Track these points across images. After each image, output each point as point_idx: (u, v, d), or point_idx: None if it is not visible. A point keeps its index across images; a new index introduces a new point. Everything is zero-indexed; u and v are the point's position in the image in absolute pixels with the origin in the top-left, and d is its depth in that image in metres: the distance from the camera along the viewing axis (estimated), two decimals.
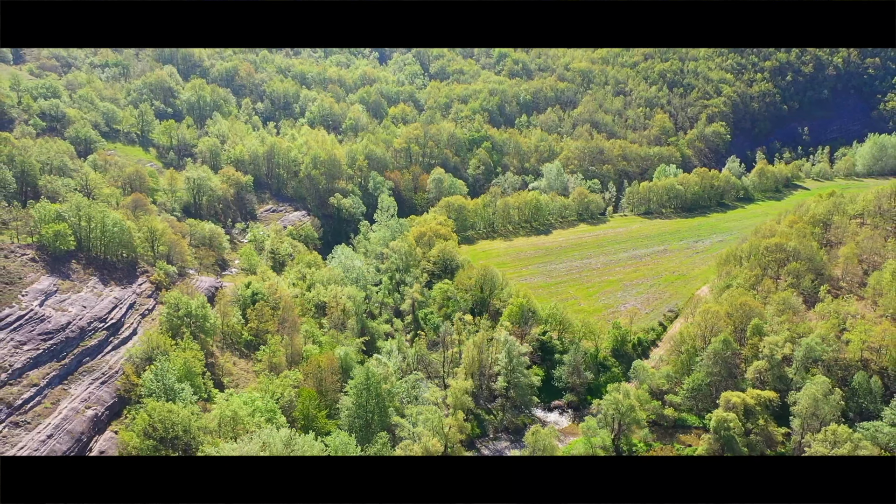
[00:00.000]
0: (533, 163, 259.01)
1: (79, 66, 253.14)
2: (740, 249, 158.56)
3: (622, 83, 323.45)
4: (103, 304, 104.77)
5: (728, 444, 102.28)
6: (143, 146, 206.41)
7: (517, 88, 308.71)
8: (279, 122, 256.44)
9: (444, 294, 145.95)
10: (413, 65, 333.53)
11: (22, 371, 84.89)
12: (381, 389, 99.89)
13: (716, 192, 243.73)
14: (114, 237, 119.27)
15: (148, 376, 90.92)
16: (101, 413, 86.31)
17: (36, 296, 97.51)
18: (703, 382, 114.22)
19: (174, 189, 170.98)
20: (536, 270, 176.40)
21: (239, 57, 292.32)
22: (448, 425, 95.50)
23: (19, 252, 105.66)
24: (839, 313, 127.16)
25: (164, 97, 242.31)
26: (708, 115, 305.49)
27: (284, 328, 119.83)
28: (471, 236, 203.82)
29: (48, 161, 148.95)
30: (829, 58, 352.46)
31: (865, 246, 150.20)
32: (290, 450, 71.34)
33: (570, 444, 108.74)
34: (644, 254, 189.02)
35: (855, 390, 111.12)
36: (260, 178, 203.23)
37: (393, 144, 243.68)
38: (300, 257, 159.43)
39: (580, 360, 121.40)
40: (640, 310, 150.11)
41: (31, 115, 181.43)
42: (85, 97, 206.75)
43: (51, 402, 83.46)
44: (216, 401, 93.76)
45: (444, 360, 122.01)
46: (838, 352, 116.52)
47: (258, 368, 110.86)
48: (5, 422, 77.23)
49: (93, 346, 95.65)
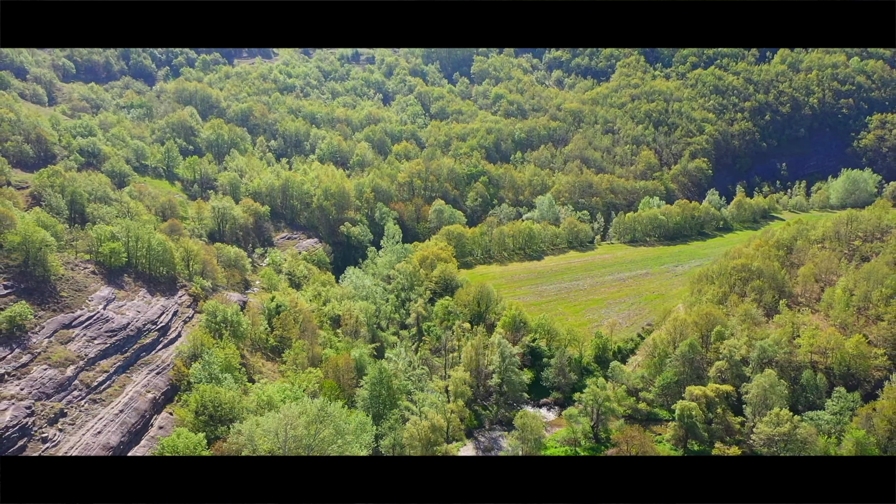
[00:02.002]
0: (527, 195, 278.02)
1: (106, 108, 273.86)
2: (711, 269, 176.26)
3: (610, 122, 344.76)
4: (153, 310, 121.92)
5: (691, 429, 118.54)
6: (169, 179, 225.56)
7: (512, 127, 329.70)
8: (291, 158, 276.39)
9: (445, 309, 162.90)
10: (415, 105, 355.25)
11: (94, 360, 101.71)
12: (392, 383, 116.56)
13: (696, 223, 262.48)
14: (157, 255, 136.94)
15: (196, 367, 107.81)
16: (157, 396, 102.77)
17: (100, 301, 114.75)
18: (672, 381, 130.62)
19: (201, 217, 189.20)
20: (528, 291, 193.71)
21: (253, 98, 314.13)
22: (450, 409, 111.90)
23: (82, 266, 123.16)
24: (794, 323, 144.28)
25: (185, 135, 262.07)
26: (691, 151, 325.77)
27: (305, 335, 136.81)
28: (469, 262, 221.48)
29: (93, 191, 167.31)
30: (806, 98, 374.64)
31: (822, 266, 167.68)
32: (325, 414, 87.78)
33: (555, 433, 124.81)
34: (627, 276, 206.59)
35: (804, 386, 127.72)
36: (276, 208, 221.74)
37: (397, 178, 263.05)
38: (315, 277, 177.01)
39: (565, 362, 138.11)
40: (622, 323, 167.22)
41: (71, 152, 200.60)
42: (117, 135, 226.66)
43: (119, 386, 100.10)
44: (252, 389, 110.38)
45: (445, 360, 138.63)
46: (790, 354, 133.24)
47: (284, 368, 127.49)
48: (86, 398, 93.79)
49: (148, 344, 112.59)
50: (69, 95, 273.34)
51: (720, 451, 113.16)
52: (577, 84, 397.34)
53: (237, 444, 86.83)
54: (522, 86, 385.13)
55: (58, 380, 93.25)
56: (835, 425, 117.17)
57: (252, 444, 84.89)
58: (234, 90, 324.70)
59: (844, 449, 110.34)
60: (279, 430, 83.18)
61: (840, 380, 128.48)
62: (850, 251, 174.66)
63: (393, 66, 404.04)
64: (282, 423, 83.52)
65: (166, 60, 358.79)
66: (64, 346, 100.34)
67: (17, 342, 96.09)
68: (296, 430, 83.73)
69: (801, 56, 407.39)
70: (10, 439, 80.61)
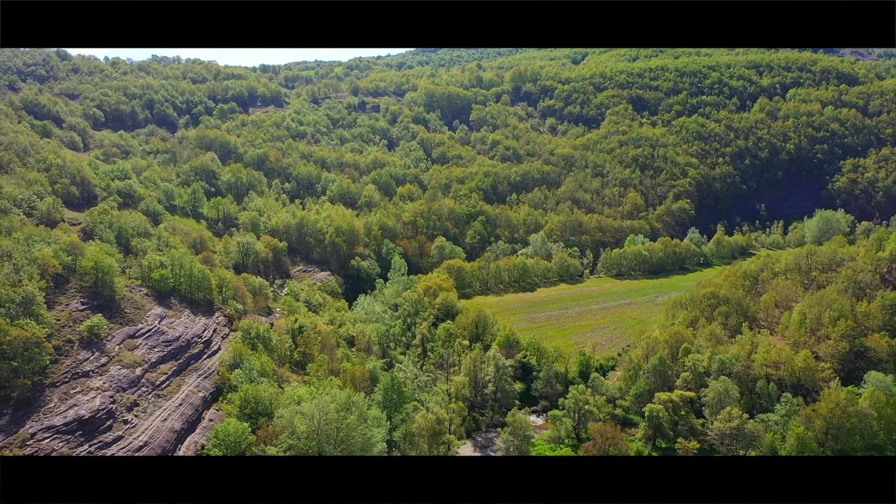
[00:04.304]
0: (521, 233, 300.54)
1: (134, 153, 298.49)
2: (684, 297, 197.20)
3: (600, 166, 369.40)
4: (197, 327, 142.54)
5: (658, 428, 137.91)
6: (195, 218, 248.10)
7: (508, 171, 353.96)
8: (304, 199, 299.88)
9: (446, 332, 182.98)
10: (417, 150, 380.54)
11: (156, 364, 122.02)
12: (402, 388, 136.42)
13: (678, 258, 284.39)
14: (197, 281, 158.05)
15: (238, 372, 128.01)
16: (207, 396, 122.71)
17: (155, 317, 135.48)
18: (644, 390, 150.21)
19: (228, 250, 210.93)
20: (522, 318, 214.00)
21: (268, 144, 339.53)
22: (452, 409, 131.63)
23: (137, 288, 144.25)
24: (753, 341, 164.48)
25: (207, 178, 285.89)
26: (675, 193, 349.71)
27: (325, 351, 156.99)
28: (468, 293, 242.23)
29: (135, 227, 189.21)
30: (783, 144, 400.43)
31: (783, 294, 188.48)
32: (351, 401, 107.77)
33: (542, 434, 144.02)
34: (612, 305, 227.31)
35: (759, 394, 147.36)
36: (292, 244, 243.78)
37: (402, 217, 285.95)
38: (330, 304, 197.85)
39: (552, 376, 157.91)
40: (604, 344, 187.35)
41: (110, 193, 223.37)
42: (149, 178, 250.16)
43: (175, 385, 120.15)
44: (285, 391, 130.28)
45: (447, 372, 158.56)
46: (748, 368, 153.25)
47: (308, 378, 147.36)
48: (152, 392, 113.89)
49: (196, 353, 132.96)
50: (101, 142, 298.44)
51: (682, 445, 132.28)
52: (569, 130, 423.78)
53: (280, 425, 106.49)
54: (518, 132, 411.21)
55: (130, 377, 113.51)
56: (782, 426, 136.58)
57: (291, 426, 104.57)
58: (251, 136, 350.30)
59: (788, 444, 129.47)
60: (314, 413, 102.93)
61: (791, 389, 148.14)
62: (809, 281, 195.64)
63: (397, 114, 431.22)
64: (317, 408, 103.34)
65: (186, 109, 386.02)
66: (131, 351, 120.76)
67: (97, 347, 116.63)
68: (328, 415, 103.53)
69: (779, 104, 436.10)
70: (101, 419, 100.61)
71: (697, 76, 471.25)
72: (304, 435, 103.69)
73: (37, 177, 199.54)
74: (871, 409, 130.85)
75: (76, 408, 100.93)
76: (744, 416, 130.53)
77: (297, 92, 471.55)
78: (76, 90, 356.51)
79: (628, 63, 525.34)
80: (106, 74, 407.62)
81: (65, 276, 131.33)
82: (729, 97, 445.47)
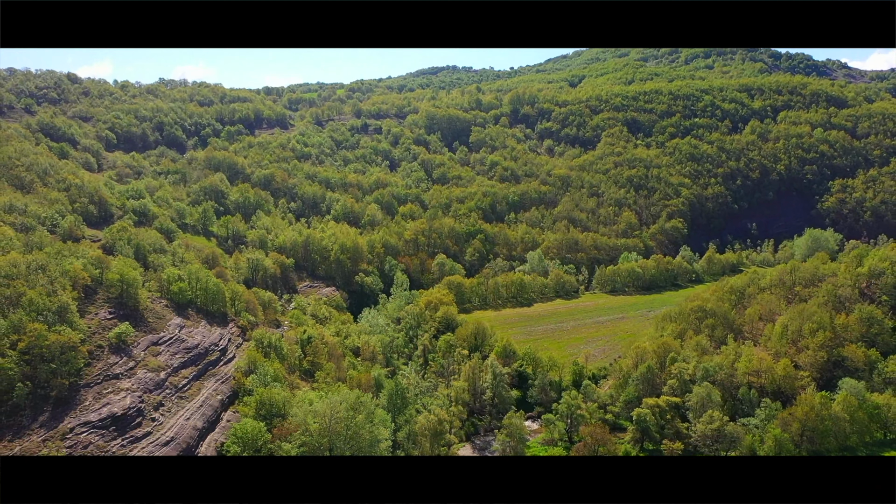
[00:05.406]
0: (519, 251, 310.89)
1: (146, 174, 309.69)
2: (673, 311, 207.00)
3: (595, 186, 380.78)
4: (213, 336, 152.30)
5: (645, 431, 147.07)
6: (205, 236, 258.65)
7: (506, 191, 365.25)
8: (310, 218, 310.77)
9: (447, 343, 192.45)
10: (419, 171, 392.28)
11: (177, 369, 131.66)
12: (405, 393, 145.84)
13: (670, 275, 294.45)
14: (212, 294, 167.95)
15: (252, 377, 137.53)
16: (224, 399, 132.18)
17: (175, 327, 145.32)
18: (633, 396, 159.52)
19: (238, 266, 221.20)
20: (519, 331, 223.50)
21: (274, 165, 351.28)
22: (452, 411, 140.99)
23: (158, 300, 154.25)
24: (736, 351, 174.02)
25: (216, 198, 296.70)
26: (668, 212, 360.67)
27: (332, 359, 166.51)
28: (468, 308, 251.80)
29: (152, 244, 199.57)
30: (774, 165, 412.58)
31: (766, 307, 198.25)
32: (360, 401, 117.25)
33: (537, 437, 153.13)
34: (606, 319, 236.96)
35: (741, 400, 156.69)
36: (299, 261, 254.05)
37: (404, 236, 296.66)
38: (336, 317, 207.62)
39: (547, 383, 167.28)
40: (597, 356, 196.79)
41: (126, 212, 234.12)
42: (162, 198, 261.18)
43: (195, 389, 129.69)
44: (295, 394, 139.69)
45: (447, 380, 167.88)
46: (731, 376, 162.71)
47: (316, 385, 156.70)
48: (175, 394, 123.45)
49: (213, 360, 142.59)
50: (114, 163, 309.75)
51: (667, 447, 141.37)
52: (566, 152, 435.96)
53: (294, 423, 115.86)
54: (516, 153, 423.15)
55: (155, 380, 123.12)
56: (762, 429, 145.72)
57: (305, 424, 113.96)
58: (257, 158, 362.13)
59: (766, 445, 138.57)
60: (326, 412, 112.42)
61: (771, 395, 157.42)
62: (792, 295, 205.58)
63: (398, 136, 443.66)
64: (328, 407, 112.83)
65: (195, 131, 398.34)
66: (155, 357, 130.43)
67: (124, 352, 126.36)
68: (338, 414, 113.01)
69: (770, 127, 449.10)
70: (132, 416, 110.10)
71: (691, 99, 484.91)
72: (317, 432, 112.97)
73: (58, 196, 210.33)
74: (844, 412, 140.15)
75: (109, 406, 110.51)
76: (724, 418, 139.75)
77: (301, 114, 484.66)
78: (88, 113, 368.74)
79: (624, 86, 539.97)
80: (116, 97, 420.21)
81: (93, 287, 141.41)
82: (721, 119, 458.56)
